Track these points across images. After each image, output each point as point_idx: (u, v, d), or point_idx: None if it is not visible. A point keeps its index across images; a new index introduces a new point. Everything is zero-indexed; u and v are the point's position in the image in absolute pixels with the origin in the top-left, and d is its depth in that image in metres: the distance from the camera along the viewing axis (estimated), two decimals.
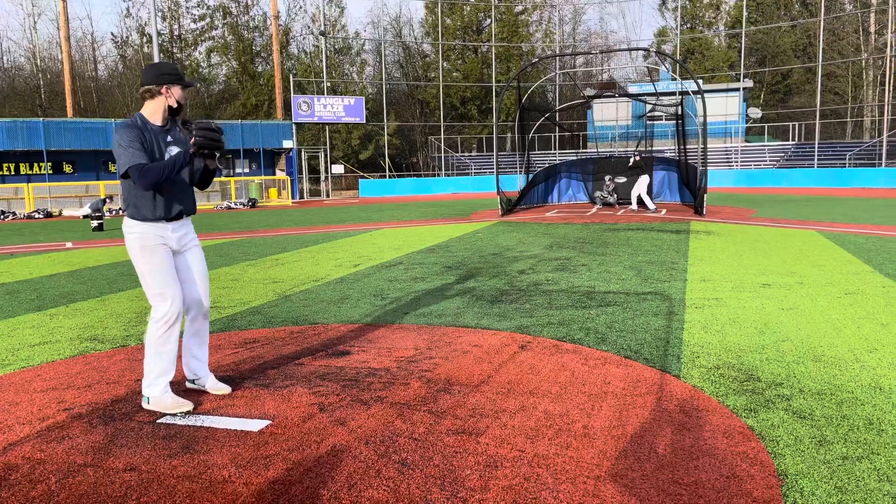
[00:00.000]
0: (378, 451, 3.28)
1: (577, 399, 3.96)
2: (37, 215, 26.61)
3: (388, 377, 4.44)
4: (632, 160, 20.99)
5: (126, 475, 3.08)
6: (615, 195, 21.43)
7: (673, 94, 25.35)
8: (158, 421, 3.76)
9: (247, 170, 34.56)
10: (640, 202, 19.89)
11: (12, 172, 29.09)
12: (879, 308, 6.19)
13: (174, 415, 3.82)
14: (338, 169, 40.10)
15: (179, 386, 4.25)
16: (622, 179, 21.57)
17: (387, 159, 42.12)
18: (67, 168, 30.07)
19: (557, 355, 4.89)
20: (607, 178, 21.63)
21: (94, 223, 17.71)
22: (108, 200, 19.68)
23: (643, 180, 19.88)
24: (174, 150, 3.81)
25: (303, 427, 3.61)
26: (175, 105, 3.82)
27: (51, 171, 29.31)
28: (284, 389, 4.23)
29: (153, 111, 3.79)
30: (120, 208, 27.36)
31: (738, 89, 41.29)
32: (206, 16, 50.72)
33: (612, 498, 2.78)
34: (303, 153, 39.11)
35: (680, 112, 22.07)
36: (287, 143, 34.46)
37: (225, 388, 4.18)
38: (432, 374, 4.50)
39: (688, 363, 4.63)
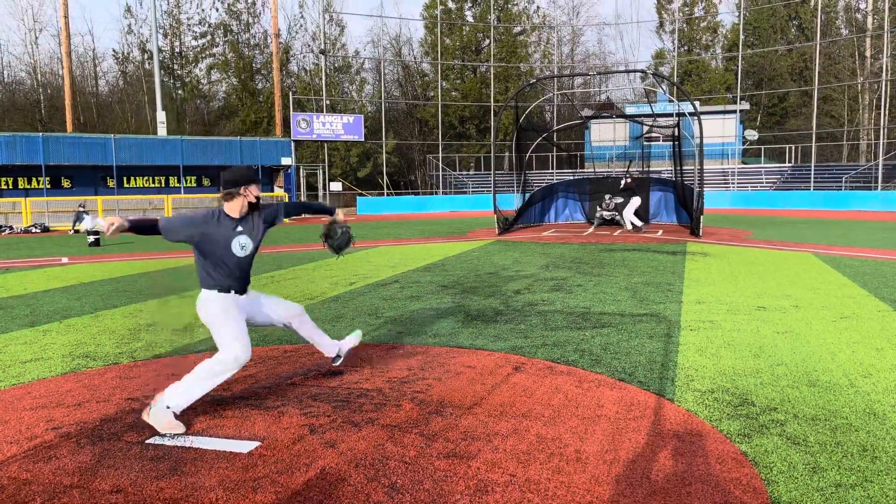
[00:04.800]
0: (368, 474, 3.24)
1: (570, 422, 3.93)
2: (34, 230, 26.56)
3: (381, 398, 4.41)
4: (623, 182, 21.13)
5: (112, 497, 3.04)
6: (615, 213, 21.50)
7: (670, 115, 25.44)
8: (147, 441, 3.72)
9: None
10: (632, 223, 19.98)
11: (10, 186, 29.08)
12: (874, 332, 6.18)
13: (163, 435, 3.79)
14: (336, 186, 40.17)
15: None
16: (619, 200, 21.67)
17: (385, 177, 42.21)
18: (66, 183, 30.09)
19: (551, 377, 4.86)
20: (607, 196, 21.75)
21: (91, 238, 17.68)
22: (82, 207, 19.51)
23: (634, 202, 20.01)
24: (242, 238, 4.23)
25: (292, 449, 3.57)
26: (254, 200, 4.26)
27: (49, 186, 29.32)
28: (275, 410, 4.20)
29: (232, 208, 4.24)
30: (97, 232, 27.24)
31: (734, 111, 41.53)
32: (208, 33, 51.08)
33: None
34: (301, 170, 39.17)
35: (677, 133, 22.19)
36: (285, 161, 34.52)
37: (355, 338, 5.09)
38: (425, 395, 4.47)
39: (682, 386, 4.60)
